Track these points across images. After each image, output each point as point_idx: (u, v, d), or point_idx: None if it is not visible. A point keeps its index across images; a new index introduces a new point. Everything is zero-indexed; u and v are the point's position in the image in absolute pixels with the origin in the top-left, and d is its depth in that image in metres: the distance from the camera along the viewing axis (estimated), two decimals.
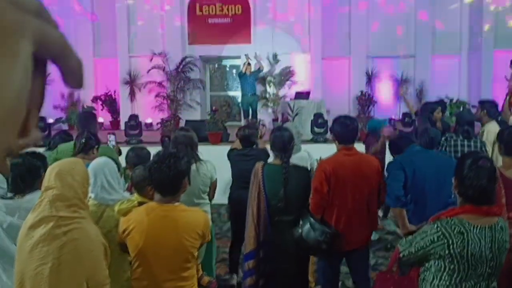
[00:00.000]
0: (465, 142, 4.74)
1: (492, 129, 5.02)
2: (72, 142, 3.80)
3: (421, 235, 2.19)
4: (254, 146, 4.51)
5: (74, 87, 0.39)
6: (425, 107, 5.99)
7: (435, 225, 2.17)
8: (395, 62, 14.46)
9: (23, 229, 2.26)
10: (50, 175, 2.25)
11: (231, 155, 4.46)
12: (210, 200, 3.79)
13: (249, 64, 11.76)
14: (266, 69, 13.06)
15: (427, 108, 5.81)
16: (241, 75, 11.98)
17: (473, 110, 6.65)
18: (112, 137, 4.87)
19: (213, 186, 3.72)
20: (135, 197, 2.74)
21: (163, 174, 2.41)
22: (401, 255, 2.25)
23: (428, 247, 2.15)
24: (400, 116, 12.18)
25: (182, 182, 2.48)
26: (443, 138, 5.08)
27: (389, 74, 14.39)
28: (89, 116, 4.40)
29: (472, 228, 2.12)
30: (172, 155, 2.51)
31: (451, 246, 2.11)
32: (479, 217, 2.15)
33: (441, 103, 6.40)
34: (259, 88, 13.39)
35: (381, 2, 14.27)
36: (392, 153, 3.94)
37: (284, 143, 3.37)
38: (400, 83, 14.20)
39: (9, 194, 2.56)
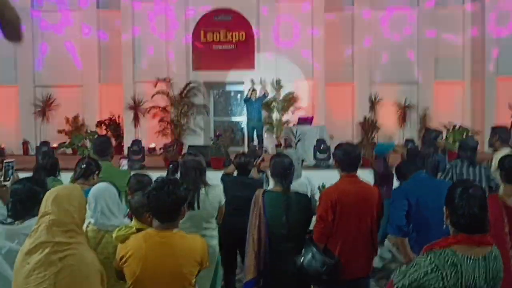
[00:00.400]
0: (471, 169, 4.71)
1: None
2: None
3: (414, 266, 2.13)
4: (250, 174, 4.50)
5: (13, 39, 0.38)
6: (427, 133, 5.98)
7: (428, 257, 2.12)
8: (398, 88, 14.53)
9: (20, 255, 2.25)
10: (47, 201, 2.25)
11: (225, 179, 4.44)
12: (218, 224, 3.77)
13: (254, 89, 11.84)
14: (270, 94, 13.14)
15: (430, 135, 5.80)
16: (247, 100, 12.07)
17: (476, 137, 6.61)
18: (124, 162, 4.94)
19: (221, 210, 3.70)
20: (134, 223, 2.72)
21: (162, 201, 2.39)
22: (395, 287, 2.20)
23: (422, 279, 2.09)
24: (403, 142, 12.15)
25: (181, 209, 2.46)
26: (447, 165, 5.05)
27: (393, 100, 14.44)
28: (105, 141, 4.44)
29: (465, 259, 2.08)
30: (171, 181, 2.49)
31: (445, 278, 2.05)
32: (472, 247, 2.11)
33: (439, 131, 6.39)
34: (263, 113, 13.46)
35: (385, 29, 14.44)
36: (398, 178, 3.91)
37: (284, 169, 3.36)
38: (404, 109, 14.26)
39: (9, 220, 2.54)
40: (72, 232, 2.23)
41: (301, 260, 3.19)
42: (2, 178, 3.42)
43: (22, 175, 4.13)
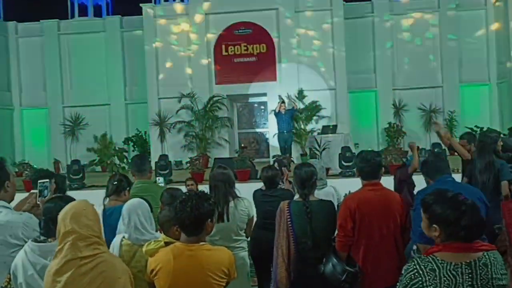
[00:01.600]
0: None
1: None
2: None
3: (403, 274, 2.14)
4: (279, 186, 4.54)
5: None
6: (482, 139, 5.56)
7: (412, 263, 2.12)
8: (422, 93, 14.38)
9: (47, 275, 2.30)
10: (64, 220, 2.30)
11: (256, 195, 4.49)
12: (247, 236, 3.82)
13: (283, 102, 11.89)
14: (290, 104, 13.18)
15: (486, 140, 5.38)
16: (277, 114, 12.11)
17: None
18: (160, 179, 5.09)
19: (250, 222, 3.75)
20: (162, 237, 2.79)
21: (186, 214, 2.44)
22: None
23: (408, 285, 2.09)
24: (430, 147, 11.99)
25: (205, 223, 2.50)
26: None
27: (417, 105, 14.29)
28: (143, 157, 4.59)
29: (445, 265, 2.05)
30: (197, 195, 2.54)
31: (424, 284, 2.04)
32: (455, 254, 2.08)
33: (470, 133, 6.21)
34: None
35: (405, 33, 14.36)
36: (422, 173, 3.73)
37: (302, 179, 3.37)
38: (429, 113, 14.08)
39: (42, 238, 2.63)
40: (96, 244, 2.29)
41: (322, 269, 3.20)
42: (37, 199, 3.51)
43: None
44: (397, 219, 3.25)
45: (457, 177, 4.47)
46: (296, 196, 3.50)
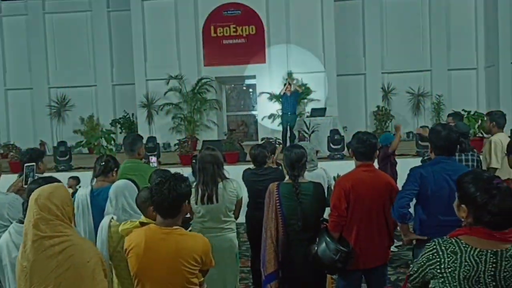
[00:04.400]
0: (463, 157, 4.57)
1: (499, 140, 4.88)
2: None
3: (422, 253, 2.07)
4: (266, 165, 4.54)
5: None
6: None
7: (433, 243, 2.04)
8: (411, 77, 14.44)
9: (17, 264, 2.28)
10: (30, 201, 2.28)
11: (245, 174, 4.49)
12: (236, 218, 3.81)
13: (289, 84, 11.83)
14: (281, 87, 13.12)
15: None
16: (282, 95, 11.99)
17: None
18: (153, 159, 5.06)
19: (238, 204, 3.73)
20: (142, 218, 2.75)
21: (163, 196, 2.38)
22: (409, 273, 2.18)
23: (424, 265, 2.03)
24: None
25: (182, 205, 2.46)
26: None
27: (406, 88, 14.36)
28: (135, 137, 4.53)
29: (469, 249, 1.96)
30: (174, 177, 2.47)
31: (442, 266, 1.97)
32: (482, 240, 1.97)
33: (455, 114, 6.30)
34: (275, 107, 13.48)
35: (395, 18, 14.32)
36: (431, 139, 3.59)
37: (292, 161, 3.35)
38: (417, 97, 14.16)
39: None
40: (60, 227, 2.25)
41: (315, 249, 3.21)
42: (23, 182, 3.48)
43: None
44: (388, 200, 3.28)
45: None
46: (286, 178, 3.49)
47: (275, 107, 12.83)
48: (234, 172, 4.46)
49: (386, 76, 14.50)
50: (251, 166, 4.65)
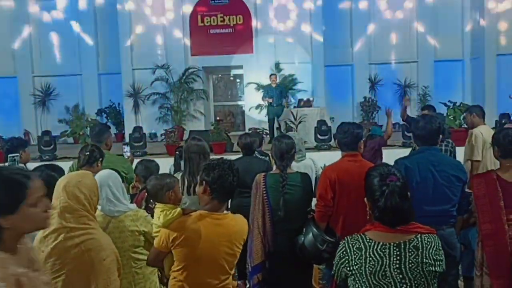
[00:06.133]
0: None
1: (479, 132, 4.95)
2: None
3: (337, 251, 2.08)
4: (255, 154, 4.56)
5: None
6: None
7: (343, 242, 2.06)
8: (398, 68, 14.51)
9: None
10: (58, 188, 2.29)
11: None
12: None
13: (273, 75, 11.77)
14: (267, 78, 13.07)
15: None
16: (267, 87, 11.91)
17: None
18: (126, 148, 5.00)
19: None
20: (160, 206, 2.70)
21: (230, 180, 2.43)
22: (332, 272, 2.15)
23: (338, 264, 2.04)
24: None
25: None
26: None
27: (392, 79, 14.42)
28: (102, 127, 4.45)
29: (372, 244, 1.96)
30: (225, 161, 2.52)
31: (351, 263, 1.97)
32: (386, 233, 1.97)
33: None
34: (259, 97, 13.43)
35: (382, 8, 14.33)
36: (411, 130, 3.64)
37: (282, 151, 3.36)
38: (404, 88, 14.24)
39: None
40: (84, 218, 2.27)
41: (302, 240, 3.22)
42: None
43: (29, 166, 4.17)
44: None
45: None
46: (273, 168, 3.48)
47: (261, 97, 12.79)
48: None
49: (373, 67, 14.54)
50: (239, 156, 4.64)
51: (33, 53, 14.72)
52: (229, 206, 3.80)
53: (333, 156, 3.89)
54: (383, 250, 1.95)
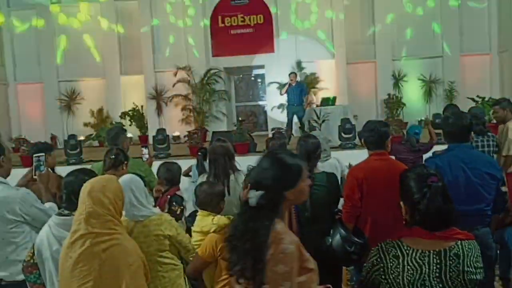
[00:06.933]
0: (479, 141, 4.63)
1: None
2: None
3: (368, 257, 1.98)
4: None
5: None
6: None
7: (376, 248, 1.95)
8: (422, 63, 14.22)
9: (62, 249, 2.30)
10: (83, 193, 2.28)
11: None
12: None
13: (293, 72, 11.69)
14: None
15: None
16: (288, 85, 11.83)
17: None
18: (145, 151, 4.97)
19: None
20: (202, 213, 2.67)
21: None
22: (360, 278, 2.06)
23: (370, 271, 1.95)
24: (430, 117, 11.89)
25: None
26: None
27: (417, 75, 14.14)
28: (117, 131, 4.44)
29: (411, 252, 1.87)
30: None
31: (386, 271, 1.88)
32: (424, 240, 1.88)
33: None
34: (284, 97, 13.35)
35: (407, 2, 14.06)
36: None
37: (308, 151, 3.30)
38: (429, 84, 13.95)
39: (66, 212, 2.58)
40: (110, 223, 2.26)
41: (330, 241, 3.15)
42: (32, 173, 3.44)
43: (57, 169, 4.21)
44: None
45: None
46: None
47: (284, 97, 12.71)
48: (245, 163, 4.41)
49: (397, 63, 14.28)
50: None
51: (57, 58, 14.97)
52: None
53: (358, 155, 3.80)
54: (422, 258, 1.86)
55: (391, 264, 1.88)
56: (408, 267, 1.85)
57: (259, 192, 1.81)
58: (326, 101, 11.17)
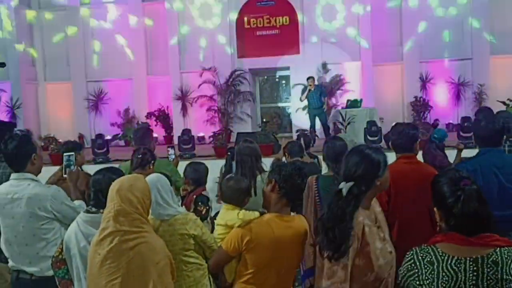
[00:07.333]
0: (506, 146, 4.44)
1: None
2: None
3: (403, 261, 1.93)
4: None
5: None
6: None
7: (411, 253, 1.91)
8: (451, 65, 13.93)
9: (91, 246, 2.35)
10: (112, 191, 2.32)
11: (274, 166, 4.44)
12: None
13: (311, 77, 11.67)
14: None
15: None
16: (308, 91, 11.83)
17: None
18: (171, 151, 5.00)
19: None
20: (234, 209, 2.75)
21: (298, 183, 2.56)
22: (398, 281, 2.01)
23: (405, 276, 1.89)
24: (459, 121, 11.65)
25: None
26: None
27: (445, 77, 13.86)
28: (145, 131, 4.49)
29: (446, 258, 1.81)
30: (301, 166, 2.66)
31: (421, 277, 1.82)
32: (461, 247, 1.82)
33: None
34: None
35: (434, 5, 13.81)
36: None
37: (336, 153, 3.26)
38: (458, 87, 13.65)
39: (93, 209, 2.64)
40: (138, 221, 2.29)
41: None
42: (62, 172, 3.50)
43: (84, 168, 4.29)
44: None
45: None
46: (325, 170, 3.39)
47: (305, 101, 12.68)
48: (269, 164, 4.39)
49: (424, 65, 14.03)
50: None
51: (86, 59, 15.26)
52: None
53: None
54: (458, 265, 1.80)
55: (425, 270, 1.83)
56: (443, 273, 1.80)
57: (349, 183, 2.12)
58: (353, 103, 11.08)
